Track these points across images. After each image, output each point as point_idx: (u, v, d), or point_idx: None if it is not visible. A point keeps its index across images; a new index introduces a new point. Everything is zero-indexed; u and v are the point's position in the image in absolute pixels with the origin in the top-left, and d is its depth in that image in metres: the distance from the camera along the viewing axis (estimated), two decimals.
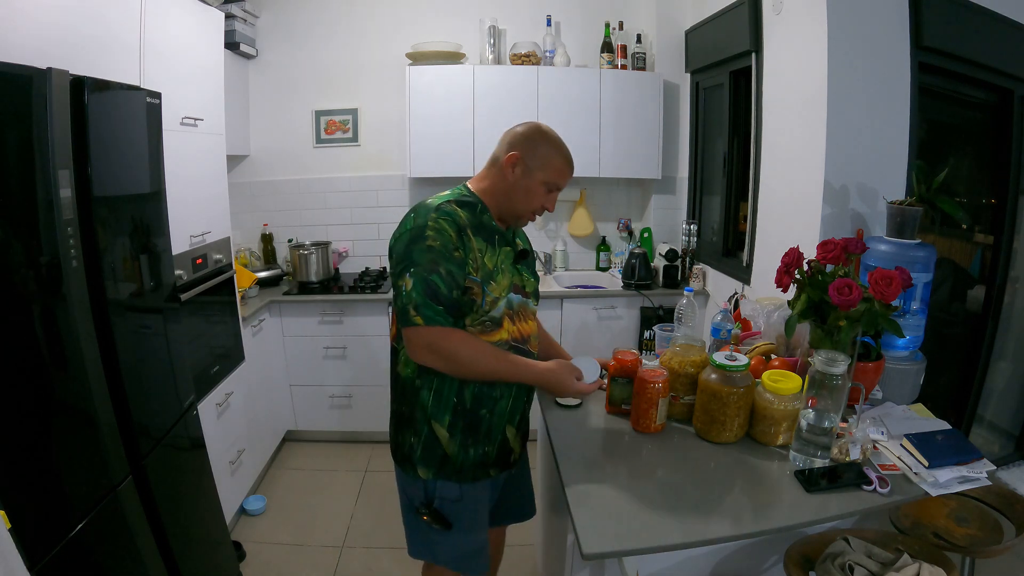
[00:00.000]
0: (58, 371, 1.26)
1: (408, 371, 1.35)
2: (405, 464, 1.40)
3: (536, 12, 3.29)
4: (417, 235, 1.24)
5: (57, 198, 1.21)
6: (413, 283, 1.22)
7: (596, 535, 1.12)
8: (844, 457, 1.35)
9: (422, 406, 1.35)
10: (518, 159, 1.32)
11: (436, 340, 1.24)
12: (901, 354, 1.73)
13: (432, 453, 1.36)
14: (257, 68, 3.33)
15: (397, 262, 1.26)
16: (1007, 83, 2.29)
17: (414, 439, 1.37)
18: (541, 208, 1.39)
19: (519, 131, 1.36)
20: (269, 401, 2.92)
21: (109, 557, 1.37)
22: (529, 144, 1.33)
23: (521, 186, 1.34)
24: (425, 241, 1.23)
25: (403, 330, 1.26)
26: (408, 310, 1.22)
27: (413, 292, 1.22)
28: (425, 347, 1.24)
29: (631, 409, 1.54)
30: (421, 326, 1.22)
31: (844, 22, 1.90)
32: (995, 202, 2.46)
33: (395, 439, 1.42)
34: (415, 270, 1.22)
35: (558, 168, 1.36)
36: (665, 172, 3.32)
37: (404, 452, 1.39)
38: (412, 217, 1.29)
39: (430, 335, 1.23)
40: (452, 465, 1.37)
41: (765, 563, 1.56)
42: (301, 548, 2.39)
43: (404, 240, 1.26)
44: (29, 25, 1.35)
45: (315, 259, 3.14)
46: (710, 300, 3.05)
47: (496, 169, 1.36)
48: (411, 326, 1.23)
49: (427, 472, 1.37)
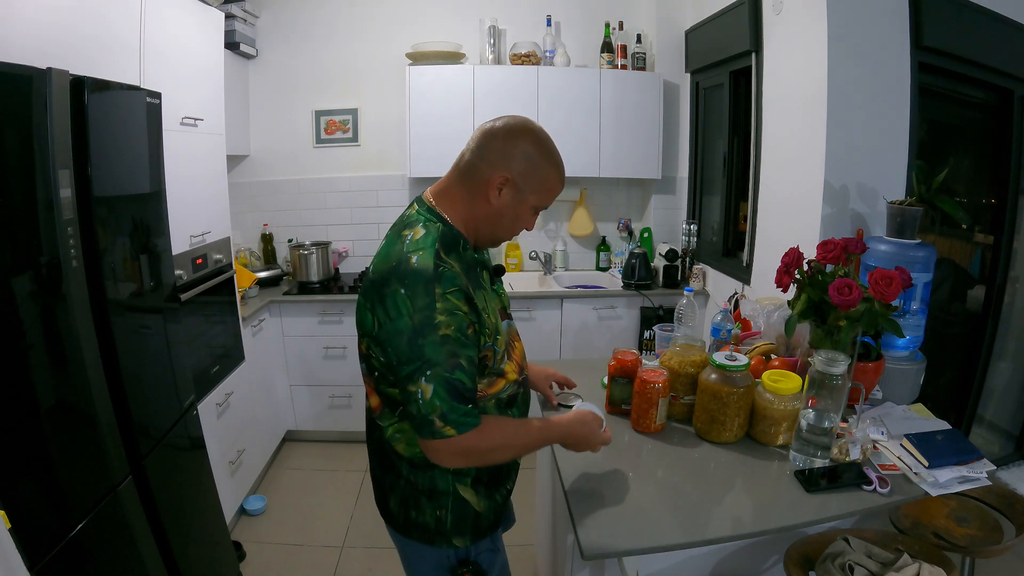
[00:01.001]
0: (58, 371, 1.26)
1: (415, 449, 1.12)
2: (436, 540, 1.18)
3: (536, 12, 3.29)
4: (424, 325, 0.97)
5: (57, 198, 1.21)
6: (433, 389, 0.98)
7: (596, 535, 1.12)
8: (844, 457, 1.35)
9: (439, 480, 1.14)
10: (509, 181, 1.05)
11: (471, 446, 1.03)
12: (901, 354, 1.73)
13: (464, 518, 1.18)
14: (257, 68, 3.33)
15: (403, 362, 0.99)
16: (1007, 83, 2.29)
17: (440, 512, 1.16)
18: (521, 230, 1.17)
19: (510, 140, 1.07)
20: (269, 401, 2.93)
21: (109, 557, 1.37)
22: (526, 163, 1.06)
23: (509, 212, 1.09)
24: (437, 332, 0.98)
25: (425, 441, 1.03)
26: (433, 422, 0.99)
27: (435, 400, 0.99)
28: (459, 455, 1.05)
29: (631, 409, 1.54)
30: (453, 437, 1.01)
31: (844, 22, 1.90)
32: (995, 202, 2.46)
33: (408, 519, 1.18)
34: (432, 372, 0.98)
35: (554, 189, 1.12)
36: (665, 172, 3.33)
37: (431, 529, 1.17)
38: (404, 296, 0.98)
39: (464, 443, 1.02)
40: (485, 520, 1.21)
41: (765, 563, 1.56)
42: (301, 548, 2.39)
43: (406, 334, 0.98)
44: (29, 25, 1.35)
45: (315, 259, 3.14)
46: (710, 300, 3.05)
47: (474, 187, 1.07)
48: (440, 439, 1.01)
49: (464, 540, 1.19)
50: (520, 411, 1.24)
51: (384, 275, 1.02)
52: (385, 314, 1.00)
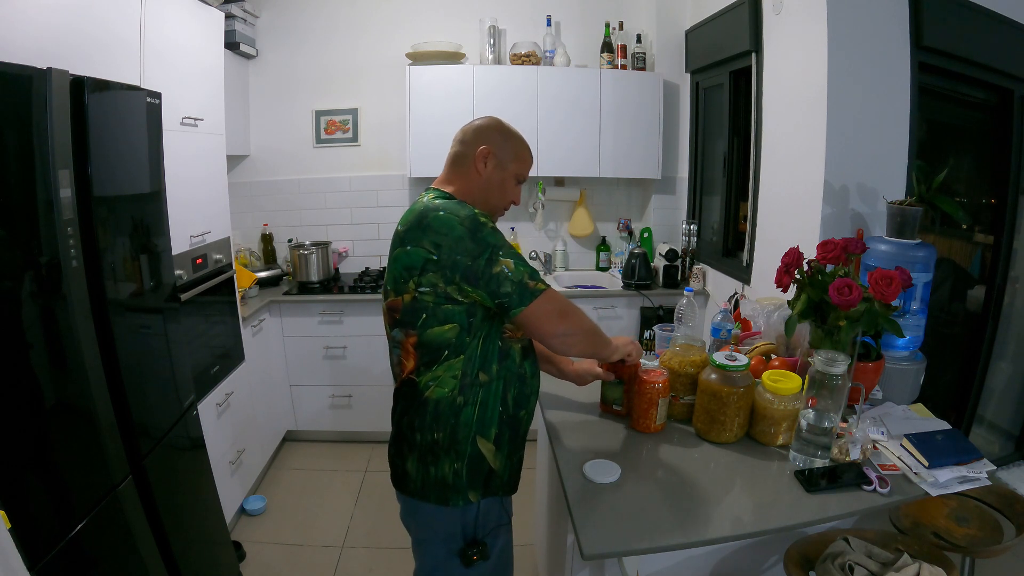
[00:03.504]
0: (58, 371, 1.26)
1: (444, 391, 1.21)
2: (452, 496, 1.24)
3: (536, 12, 3.29)
4: (474, 223, 1.15)
5: (57, 198, 1.21)
6: (513, 261, 1.15)
7: (596, 535, 1.12)
8: (844, 457, 1.35)
9: (465, 424, 1.22)
10: (490, 153, 1.27)
11: (564, 303, 1.21)
12: (901, 354, 1.73)
13: (478, 472, 1.25)
14: (257, 68, 3.33)
15: (476, 255, 1.13)
16: (1007, 83, 2.29)
17: (457, 464, 1.23)
18: (511, 202, 1.35)
19: (480, 125, 1.31)
20: (269, 401, 2.92)
21: (109, 557, 1.37)
22: (498, 137, 1.29)
23: (496, 180, 1.29)
24: (486, 227, 1.16)
25: (530, 309, 1.14)
26: (527, 284, 1.14)
27: (519, 267, 1.15)
28: (558, 313, 1.19)
29: (632, 409, 1.54)
30: (548, 289, 1.17)
31: (844, 22, 1.90)
32: (995, 202, 2.46)
33: (427, 476, 1.24)
34: (503, 251, 1.15)
35: (526, 159, 1.33)
36: (665, 172, 3.33)
37: (447, 484, 1.23)
38: (446, 215, 1.15)
39: (559, 299, 1.19)
40: (497, 479, 1.27)
41: (765, 563, 1.56)
42: (301, 548, 2.39)
43: (466, 236, 1.13)
44: (29, 25, 1.35)
45: (315, 259, 3.14)
46: (710, 300, 3.05)
47: (465, 167, 1.29)
48: (536, 297, 1.15)
49: (476, 494, 1.25)
50: (533, 365, 1.33)
51: (417, 216, 1.19)
52: (437, 234, 1.15)
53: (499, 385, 1.25)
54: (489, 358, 1.23)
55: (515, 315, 1.15)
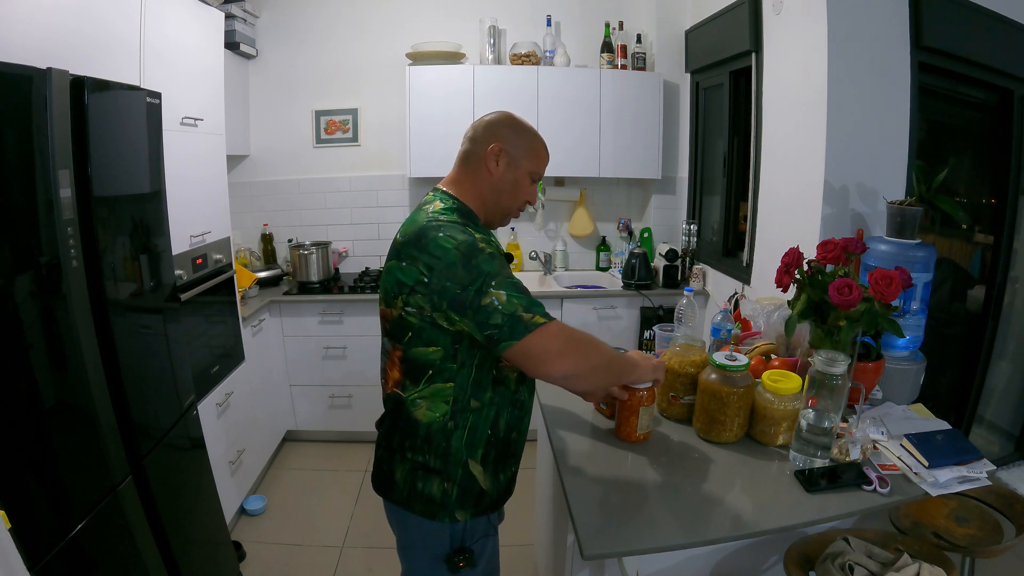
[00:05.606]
0: (58, 371, 1.26)
1: (435, 415, 1.16)
2: (439, 512, 1.20)
3: (536, 12, 3.29)
4: (470, 248, 1.07)
5: (57, 198, 1.21)
6: (506, 292, 1.04)
7: (596, 535, 1.12)
8: (844, 457, 1.35)
9: (456, 449, 1.18)
10: (501, 150, 1.20)
11: (569, 339, 1.08)
12: (901, 354, 1.73)
13: (469, 493, 1.21)
14: (257, 68, 3.33)
15: (466, 284, 1.05)
16: (1007, 83, 2.29)
17: (447, 484, 1.19)
18: (525, 202, 1.27)
19: (491, 120, 1.24)
20: (269, 401, 2.92)
21: (109, 557, 1.37)
22: (509, 132, 1.22)
23: (508, 179, 1.22)
24: (483, 252, 1.08)
25: (524, 343, 1.03)
26: (520, 318, 1.03)
27: (512, 299, 1.04)
28: (563, 345, 1.07)
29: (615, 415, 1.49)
30: (547, 324, 1.05)
31: (844, 22, 1.90)
32: (995, 202, 2.46)
33: (414, 489, 1.21)
34: (496, 281, 1.05)
35: (541, 155, 1.26)
36: (665, 172, 3.33)
37: (435, 501, 1.20)
38: (444, 236, 1.08)
39: (561, 330, 1.07)
40: (488, 498, 1.24)
41: (765, 563, 1.56)
42: (301, 548, 2.39)
43: (459, 262, 1.06)
44: (29, 25, 1.35)
45: (315, 259, 3.14)
46: (710, 300, 3.05)
47: (474, 166, 1.22)
48: (534, 331, 1.03)
49: (465, 514, 1.21)
50: (530, 391, 1.29)
51: (417, 232, 1.12)
52: (432, 256, 1.08)
53: (491, 411, 1.20)
54: (483, 385, 1.17)
55: (504, 349, 1.05)
